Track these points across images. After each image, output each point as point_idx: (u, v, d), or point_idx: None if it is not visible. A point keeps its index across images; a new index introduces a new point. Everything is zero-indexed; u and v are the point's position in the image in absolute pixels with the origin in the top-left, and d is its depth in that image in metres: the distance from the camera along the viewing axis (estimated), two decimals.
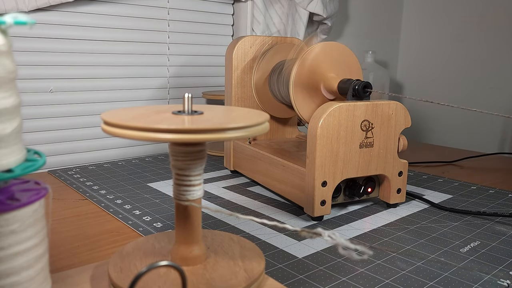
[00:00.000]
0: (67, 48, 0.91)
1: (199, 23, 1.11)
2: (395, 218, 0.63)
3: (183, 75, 1.10)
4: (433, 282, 0.45)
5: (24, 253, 0.30)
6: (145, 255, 0.41)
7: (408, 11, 1.61)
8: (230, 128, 0.32)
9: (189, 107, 0.37)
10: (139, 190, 0.73)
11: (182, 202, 0.38)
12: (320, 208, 0.60)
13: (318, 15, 1.21)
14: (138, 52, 1.01)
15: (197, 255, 0.39)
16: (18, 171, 0.29)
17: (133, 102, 1.03)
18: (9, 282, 0.29)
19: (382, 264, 0.49)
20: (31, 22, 0.29)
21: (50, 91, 0.90)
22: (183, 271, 0.30)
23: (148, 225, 0.58)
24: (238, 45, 0.79)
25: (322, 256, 0.50)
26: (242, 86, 0.81)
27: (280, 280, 0.44)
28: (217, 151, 1.01)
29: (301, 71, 0.64)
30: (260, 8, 1.13)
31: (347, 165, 0.61)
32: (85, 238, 0.55)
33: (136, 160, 0.95)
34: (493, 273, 0.47)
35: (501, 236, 0.57)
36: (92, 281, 0.39)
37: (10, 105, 0.29)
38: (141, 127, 0.31)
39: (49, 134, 0.92)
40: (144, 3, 1.00)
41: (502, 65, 1.37)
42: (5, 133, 0.28)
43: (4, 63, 0.28)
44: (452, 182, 0.84)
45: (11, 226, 0.29)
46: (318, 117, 0.58)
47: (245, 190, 0.75)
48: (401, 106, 0.64)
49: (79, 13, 0.91)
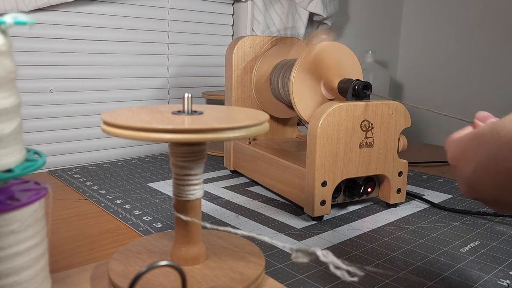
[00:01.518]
0: (67, 48, 0.91)
1: (199, 23, 1.11)
2: (395, 218, 0.63)
3: (183, 75, 1.10)
4: (433, 282, 0.45)
5: (24, 253, 0.30)
6: (145, 255, 0.41)
7: (408, 11, 1.61)
8: (230, 128, 0.32)
9: (189, 107, 0.37)
10: (139, 190, 0.73)
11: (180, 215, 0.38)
12: (320, 208, 0.60)
13: (318, 15, 1.21)
14: (138, 52, 1.01)
15: (197, 255, 0.39)
16: (18, 171, 0.29)
17: (133, 102, 1.02)
18: (9, 282, 0.29)
19: (382, 264, 0.49)
20: (31, 22, 0.29)
21: (50, 91, 0.90)
22: (183, 271, 0.30)
23: (148, 225, 0.58)
24: (238, 45, 0.79)
25: None
26: (242, 86, 0.81)
27: (280, 280, 0.44)
28: (217, 151, 1.01)
29: (302, 71, 0.64)
30: (260, 8, 1.13)
31: (347, 165, 0.61)
32: (85, 238, 0.55)
33: (136, 160, 0.95)
34: (493, 273, 0.47)
35: (501, 236, 0.57)
36: (92, 281, 0.39)
37: (10, 105, 0.29)
38: (141, 127, 0.31)
39: (49, 134, 0.92)
40: (144, 3, 1.00)
41: (502, 65, 1.37)
42: (5, 133, 0.28)
43: (4, 63, 0.28)
44: (452, 182, 0.84)
45: (11, 226, 0.29)
46: (318, 117, 0.58)
47: (245, 190, 0.75)
48: (401, 106, 0.64)
49: (79, 13, 0.91)
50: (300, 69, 0.64)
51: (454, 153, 0.36)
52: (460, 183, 0.36)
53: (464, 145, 0.35)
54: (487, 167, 0.32)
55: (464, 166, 0.35)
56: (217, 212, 0.64)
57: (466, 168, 0.34)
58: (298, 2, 1.17)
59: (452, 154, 0.37)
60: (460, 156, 0.35)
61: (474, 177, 0.33)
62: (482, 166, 0.32)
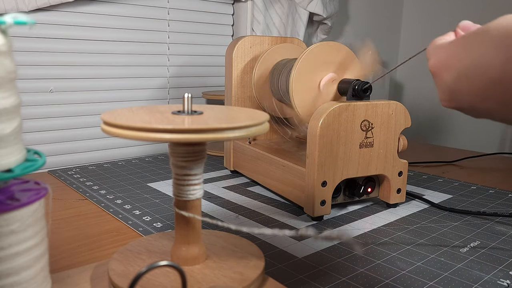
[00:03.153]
0: (67, 48, 0.91)
1: (199, 23, 1.11)
2: (395, 218, 0.63)
3: (183, 75, 1.10)
4: (433, 282, 0.45)
5: (24, 253, 0.30)
6: (145, 255, 0.41)
7: (408, 11, 1.61)
8: (230, 128, 0.32)
9: (189, 107, 0.37)
10: (139, 190, 0.73)
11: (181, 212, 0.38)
12: (320, 208, 0.60)
13: (318, 15, 1.21)
14: (138, 52, 1.01)
15: (197, 255, 0.39)
16: (18, 171, 0.29)
17: (133, 102, 1.03)
18: (9, 282, 0.29)
19: (382, 264, 0.49)
20: (31, 22, 0.29)
21: (50, 91, 0.90)
22: (183, 271, 0.30)
23: (148, 225, 0.58)
24: (238, 45, 0.79)
25: (322, 256, 0.50)
26: (242, 86, 0.81)
27: (280, 280, 0.44)
28: (217, 151, 1.01)
29: (302, 71, 0.64)
30: (260, 8, 1.13)
31: (347, 165, 0.61)
32: (85, 238, 0.55)
33: (136, 160, 0.95)
34: (493, 273, 0.47)
35: (501, 236, 0.57)
36: (92, 281, 0.39)
37: (10, 105, 0.29)
38: (141, 127, 0.31)
39: (49, 134, 0.92)
40: (144, 3, 1.00)
41: None
42: (5, 133, 0.28)
43: (4, 63, 0.28)
44: (452, 182, 0.84)
45: (11, 226, 0.29)
46: (318, 117, 0.58)
47: (245, 190, 0.75)
48: (401, 106, 0.64)
49: (79, 13, 0.91)
50: (300, 69, 0.64)
51: (436, 59, 0.35)
52: (439, 91, 0.35)
53: (447, 52, 0.34)
54: (469, 75, 0.31)
55: (445, 74, 0.33)
56: (217, 212, 0.64)
57: (447, 76, 0.33)
58: (298, 2, 1.17)
59: (434, 61, 0.35)
60: (442, 63, 0.34)
61: (455, 85, 0.32)
62: (464, 74, 0.31)
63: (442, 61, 0.34)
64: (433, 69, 0.35)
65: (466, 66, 0.31)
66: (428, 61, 0.36)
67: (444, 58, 0.34)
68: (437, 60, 0.35)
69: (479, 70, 0.30)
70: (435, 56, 0.35)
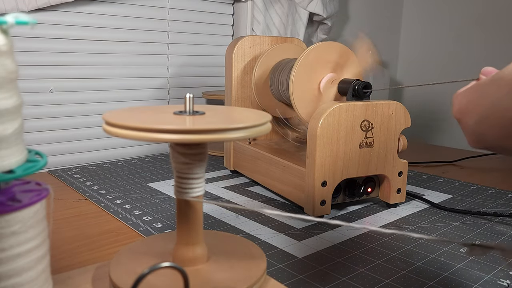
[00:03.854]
0: (67, 48, 0.91)
1: (199, 23, 1.11)
2: (395, 218, 0.63)
3: (183, 75, 1.10)
4: (433, 282, 0.45)
5: (25, 255, 0.30)
6: (146, 256, 0.41)
7: (408, 11, 1.61)
8: (233, 128, 0.32)
9: (190, 108, 0.37)
10: (139, 190, 0.73)
11: (185, 197, 0.38)
12: (320, 208, 0.60)
13: (318, 15, 1.21)
14: (138, 52, 1.01)
15: (198, 256, 0.39)
16: (19, 172, 0.29)
17: (133, 102, 1.02)
18: (10, 283, 0.29)
19: (382, 264, 0.49)
20: (32, 22, 0.29)
21: (50, 91, 0.90)
22: (185, 272, 0.30)
23: (148, 225, 0.58)
24: (238, 45, 0.79)
25: (322, 256, 0.50)
26: (242, 86, 0.81)
27: (280, 280, 0.44)
28: (217, 151, 1.01)
29: (302, 71, 0.64)
30: (260, 8, 1.13)
31: (347, 165, 0.61)
32: (85, 238, 0.55)
33: (136, 160, 0.95)
34: (493, 273, 0.47)
35: (501, 236, 0.57)
36: (93, 282, 0.39)
37: (11, 105, 0.29)
38: (144, 127, 0.31)
39: (49, 134, 0.92)
40: (144, 3, 1.00)
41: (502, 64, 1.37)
42: (6, 133, 0.28)
43: (5, 63, 0.28)
44: (452, 182, 0.84)
45: (12, 227, 0.29)
46: (318, 117, 0.58)
47: (245, 190, 0.75)
48: (401, 106, 0.64)
49: (79, 13, 0.91)
50: (300, 69, 0.64)
51: (458, 106, 0.37)
52: (466, 135, 0.37)
53: (467, 98, 0.36)
54: (489, 118, 0.33)
55: (468, 118, 0.36)
56: (217, 212, 0.64)
57: (470, 120, 0.35)
58: (298, 2, 1.17)
59: (456, 107, 0.38)
60: (463, 109, 0.36)
61: (478, 127, 0.34)
62: (485, 116, 0.33)
63: (463, 107, 0.37)
64: (456, 115, 0.38)
65: (486, 110, 0.33)
66: (452, 108, 0.39)
67: (465, 103, 0.36)
68: (459, 107, 0.37)
69: (498, 114, 0.32)
70: (457, 103, 0.38)
